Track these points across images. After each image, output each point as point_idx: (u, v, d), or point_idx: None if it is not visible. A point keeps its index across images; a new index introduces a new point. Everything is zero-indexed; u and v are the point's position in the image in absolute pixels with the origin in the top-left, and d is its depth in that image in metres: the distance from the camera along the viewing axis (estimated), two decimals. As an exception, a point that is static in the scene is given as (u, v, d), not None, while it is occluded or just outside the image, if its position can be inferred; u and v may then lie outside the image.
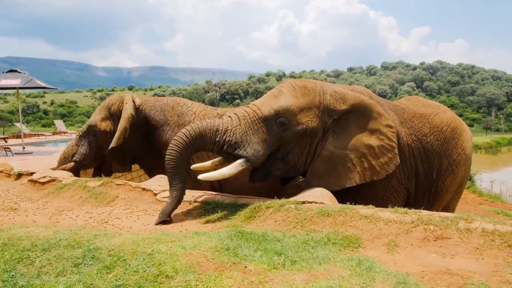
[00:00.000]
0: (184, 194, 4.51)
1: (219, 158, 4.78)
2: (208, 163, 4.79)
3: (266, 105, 4.75)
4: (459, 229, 3.24)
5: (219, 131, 4.55)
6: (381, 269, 2.71)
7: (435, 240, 3.20)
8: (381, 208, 3.79)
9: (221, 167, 4.67)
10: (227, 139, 4.54)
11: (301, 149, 4.79)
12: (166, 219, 4.27)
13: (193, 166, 4.78)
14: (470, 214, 3.53)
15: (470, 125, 61.33)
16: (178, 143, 4.43)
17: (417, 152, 5.36)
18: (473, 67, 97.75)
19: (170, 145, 4.49)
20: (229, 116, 4.73)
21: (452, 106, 73.11)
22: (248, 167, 4.58)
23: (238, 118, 4.67)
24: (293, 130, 4.67)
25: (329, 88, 4.98)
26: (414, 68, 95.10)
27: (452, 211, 6.06)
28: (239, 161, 4.53)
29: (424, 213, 3.57)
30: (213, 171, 4.67)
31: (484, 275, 2.65)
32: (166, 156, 4.45)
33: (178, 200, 4.43)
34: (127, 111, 6.29)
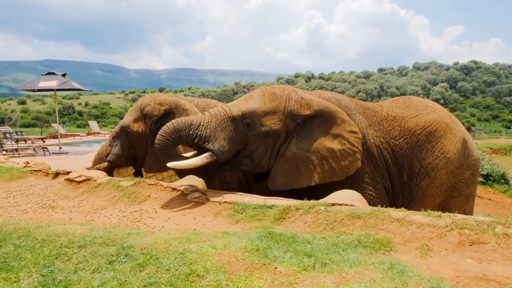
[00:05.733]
0: None
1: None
2: (189, 154, 5.30)
3: (236, 106, 5.23)
4: (497, 234, 3.13)
5: (193, 126, 5.07)
6: (414, 273, 2.65)
7: (471, 245, 3.10)
8: (413, 211, 3.73)
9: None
10: (198, 133, 5.05)
11: (265, 148, 5.16)
12: None
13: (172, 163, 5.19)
14: (508, 219, 3.40)
15: (507, 127, 58.97)
16: (158, 140, 5.04)
17: (386, 153, 5.43)
18: (510, 66, 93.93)
19: (155, 141, 5.10)
20: (204, 114, 5.25)
21: (487, 107, 70.43)
22: (213, 160, 5.02)
23: (211, 115, 5.15)
24: (257, 131, 5.09)
25: (296, 94, 5.29)
26: (448, 69, 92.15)
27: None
28: (206, 154, 5.02)
29: (459, 217, 3.47)
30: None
31: (523, 282, 2.55)
32: (156, 149, 5.10)
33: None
34: None
